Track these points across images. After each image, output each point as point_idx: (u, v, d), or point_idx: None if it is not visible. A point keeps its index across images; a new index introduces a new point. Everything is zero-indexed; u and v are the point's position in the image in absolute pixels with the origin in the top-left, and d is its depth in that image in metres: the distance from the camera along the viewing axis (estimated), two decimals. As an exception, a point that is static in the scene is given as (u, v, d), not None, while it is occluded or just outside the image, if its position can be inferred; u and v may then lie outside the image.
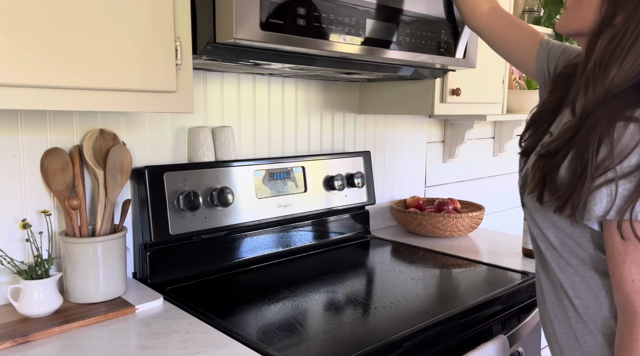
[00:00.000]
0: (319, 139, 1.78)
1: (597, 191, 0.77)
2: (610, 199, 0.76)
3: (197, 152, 1.43)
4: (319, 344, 1.05)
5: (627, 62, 0.77)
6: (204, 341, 1.01)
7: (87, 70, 0.91)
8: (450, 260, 1.61)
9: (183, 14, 1.02)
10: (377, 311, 1.21)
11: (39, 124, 1.19)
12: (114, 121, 1.30)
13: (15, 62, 0.84)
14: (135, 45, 0.96)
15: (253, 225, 1.50)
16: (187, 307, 1.18)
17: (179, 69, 1.03)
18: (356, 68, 1.33)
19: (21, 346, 0.99)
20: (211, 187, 1.39)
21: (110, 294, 1.19)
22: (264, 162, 1.53)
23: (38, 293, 1.08)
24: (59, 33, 0.87)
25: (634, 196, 0.75)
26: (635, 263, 0.77)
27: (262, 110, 1.61)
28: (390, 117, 2.00)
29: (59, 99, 0.89)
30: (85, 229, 1.19)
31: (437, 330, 1.11)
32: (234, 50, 1.07)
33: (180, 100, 1.04)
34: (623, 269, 0.78)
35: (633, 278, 0.78)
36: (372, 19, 1.18)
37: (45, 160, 1.18)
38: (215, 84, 1.48)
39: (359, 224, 1.82)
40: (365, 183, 1.78)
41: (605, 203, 0.77)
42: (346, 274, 1.46)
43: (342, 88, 1.82)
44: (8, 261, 1.11)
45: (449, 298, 1.34)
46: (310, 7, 1.06)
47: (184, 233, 1.35)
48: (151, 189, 1.29)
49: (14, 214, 1.18)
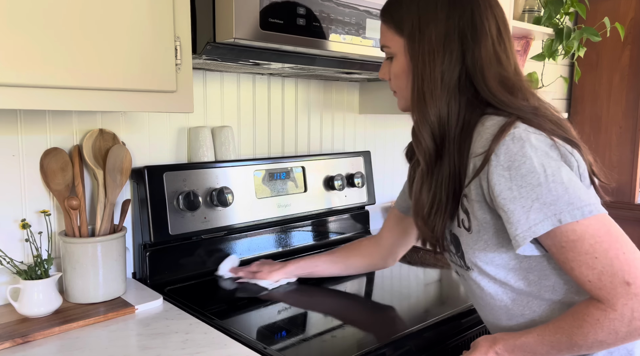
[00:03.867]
0: (319, 139, 1.78)
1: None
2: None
3: (196, 152, 1.43)
4: (319, 344, 1.05)
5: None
6: (203, 341, 1.01)
7: (86, 70, 0.91)
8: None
9: (183, 14, 1.02)
10: (377, 312, 1.20)
11: (38, 124, 1.19)
12: (113, 121, 1.30)
13: (15, 62, 0.84)
14: (135, 45, 0.96)
15: (253, 225, 1.50)
16: (187, 307, 1.17)
17: (179, 68, 1.03)
18: (356, 68, 1.33)
19: (21, 347, 0.99)
20: (211, 187, 1.39)
21: (109, 295, 1.19)
22: (264, 162, 1.53)
23: (38, 293, 1.08)
24: (58, 33, 0.87)
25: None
26: (584, 266, 0.78)
27: (262, 110, 1.60)
28: (390, 117, 2.00)
29: (58, 99, 0.89)
30: (85, 229, 1.19)
31: (438, 330, 1.11)
32: (234, 50, 1.07)
33: (180, 100, 1.04)
34: (575, 275, 0.80)
35: (589, 279, 0.78)
36: (372, 19, 1.18)
37: (44, 160, 1.18)
38: (215, 83, 1.48)
39: (359, 224, 1.82)
40: (365, 182, 1.78)
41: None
42: (346, 274, 1.46)
43: (342, 88, 1.82)
44: (8, 261, 1.10)
45: (449, 298, 1.34)
46: (310, 7, 1.06)
47: (184, 233, 1.34)
48: (151, 189, 1.29)
49: (13, 214, 1.17)
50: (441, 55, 0.88)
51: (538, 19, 2.07)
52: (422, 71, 0.89)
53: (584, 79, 2.66)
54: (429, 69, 0.88)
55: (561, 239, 0.78)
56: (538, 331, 0.85)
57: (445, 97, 0.88)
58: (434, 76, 0.88)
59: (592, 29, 2.06)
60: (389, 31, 0.95)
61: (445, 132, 0.89)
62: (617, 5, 2.54)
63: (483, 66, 0.87)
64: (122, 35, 0.94)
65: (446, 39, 0.87)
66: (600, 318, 0.77)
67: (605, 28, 2.05)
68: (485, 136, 0.84)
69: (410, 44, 0.90)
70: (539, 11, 2.12)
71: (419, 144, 0.92)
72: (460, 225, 0.91)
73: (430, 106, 0.89)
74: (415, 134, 0.94)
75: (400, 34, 0.92)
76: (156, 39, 0.98)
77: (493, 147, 0.81)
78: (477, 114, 0.88)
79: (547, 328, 0.84)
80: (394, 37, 0.94)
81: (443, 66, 0.87)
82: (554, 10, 1.98)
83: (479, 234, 0.88)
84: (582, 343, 0.80)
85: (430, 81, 0.88)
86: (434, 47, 0.88)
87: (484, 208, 0.86)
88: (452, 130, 0.89)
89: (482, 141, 0.84)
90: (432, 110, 0.89)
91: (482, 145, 0.83)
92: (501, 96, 0.87)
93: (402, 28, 0.91)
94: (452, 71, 0.88)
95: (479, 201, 0.86)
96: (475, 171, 0.83)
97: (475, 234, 0.89)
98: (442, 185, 0.90)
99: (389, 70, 0.98)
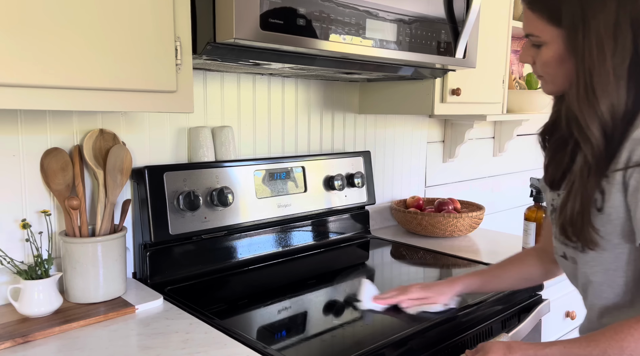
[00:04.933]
0: (319, 139, 1.78)
1: None
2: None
3: (197, 152, 1.43)
4: (319, 344, 1.05)
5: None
6: (204, 341, 1.01)
7: (87, 70, 0.91)
8: (450, 260, 1.61)
9: (183, 14, 1.02)
10: (377, 312, 1.20)
11: (38, 124, 1.19)
12: (113, 121, 1.30)
13: (15, 62, 0.84)
14: (135, 45, 0.96)
15: (253, 225, 1.50)
16: (187, 307, 1.17)
17: (179, 69, 1.03)
18: (356, 68, 1.33)
19: (21, 346, 0.99)
20: (211, 187, 1.39)
21: (110, 295, 1.19)
22: (264, 162, 1.53)
23: (38, 293, 1.08)
24: (58, 33, 0.87)
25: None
26: None
27: (262, 110, 1.60)
28: (390, 117, 2.00)
29: (58, 99, 0.89)
30: (85, 229, 1.19)
31: (437, 330, 1.11)
32: (234, 50, 1.07)
33: (180, 100, 1.04)
34: None
35: None
36: (372, 19, 1.18)
37: (45, 160, 1.18)
38: (215, 84, 1.48)
39: (359, 224, 1.82)
40: (365, 182, 1.78)
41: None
42: (346, 275, 1.46)
43: (342, 88, 1.82)
44: (8, 261, 1.11)
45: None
46: (310, 7, 1.06)
47: (184, 233, 1.34)
48: (151, 189, 1.29)
49: (13, 214, 1.18)
50: (611, 47, 0.82)
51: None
52: (589, 65, 0.83)
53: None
54: (598, 62, 0.82)
55: None
56: (565, 344, 0.85)
57: (617, 88, 0.83)
58: (604, 69, 0.82)
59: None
60: (539, 20, 0.88)
61: (615, 126, 0.84)
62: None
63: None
64: (122, 35, 0.94)
65: (616, 30, 0.81)
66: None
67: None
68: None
69: (571, 35, 0.84)
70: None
71: (587, 141, 0.86)
72: (592, 204, 0.88)
73: (602, 99, 0.83)
74: (581, 130, 0.86)
75: (556, 25, 0.86)
76: (156, 39, 0.99)
77: None
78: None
79: (576, 341, 0.84)
80: (546, 27, 0.87)
81: (614, 58, 0.82)
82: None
83: (609, 217, 0.86)
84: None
85: (601, 74, 0.82)
86: (603, 40, 0.82)
87: (622, 191, 0.84)
88: (619, 123, 0.84)
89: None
90: (605, 104, 0.83)
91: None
92: None
93: (560, 18, 0.85)
94: (622, 62, 0.83)
95: (620, 183, 0.84)
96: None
97: (605, 216, 0.86)
98: (601, 177, 0.86)
99: (533, 56, 0.92)
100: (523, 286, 1.25)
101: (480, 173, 2.50)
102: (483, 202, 2.43)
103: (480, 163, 2.49)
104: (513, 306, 1.32)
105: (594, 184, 0.86)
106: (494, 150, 2.55)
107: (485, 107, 1.85)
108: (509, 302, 1.31)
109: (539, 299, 1.39)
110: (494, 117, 1.92)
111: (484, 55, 1.56)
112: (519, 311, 1.33)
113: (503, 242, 1.84)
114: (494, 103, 1.87)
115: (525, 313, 1.34)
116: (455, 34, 1.38)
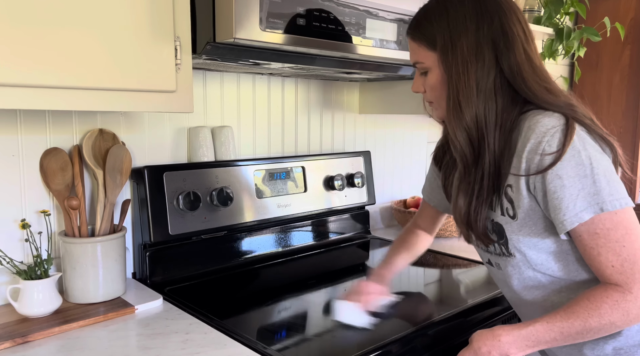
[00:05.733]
0: (319, 139, 1.78)
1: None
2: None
3: (196, 152, 1.43)
4: (319, 344, 1.05)
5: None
6: (203, 341, 1.01)
7: (86, 70, 0.91)
8: (450, 260, 1.61)
9: (182, 14, 1.02)
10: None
11: (38, 124, 1.19)
12: (113, 120, 1.30)
13: (14, 62, 0.84)
14: (135, 45, 0.96)
15: (253, 225, 1.50)
16: (187, 307, 1.17)
17: (179, 68, 1.02)
18: (356, 68, 1.33)
19: (21, 347, 0.99)
20: (211, 187, 1.39)
21: (109, 295, 1.19)
22: (264, 162, 1.53)
23: (37, 293, 1.08)
24: (58, 33, 0.87)
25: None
26: (612, 252, 0.85)
27: (262, 110, 1.60)
28: (390, 117, 2.00)
29: (58, 99, 0.89)
30: (85, 230, 1.19)
31: (437, 330, 1.11)
32: (234, 50, 1.07)
33: (179, 100, 1.04)
34: (600, 260, 0.87)
35: (612, 264, 0.86)
36: (372, 19, 1.18)
37: (44, 160, 1.18)
38: (214, 83, 1.48)
39: (359, 224, 1.82)
40: (365, 183, 1.78)
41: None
42: (346, 275, 1.46)
43: (342, 88, 1.82)
44: (7, 261, 1.10)
45: (449, 298, 1.35)
46: (310, 7, 1.06)
47: (184, 233, 1.34)
48: (151, 189, 1.29)
49: (13, 214, 1.17)
50: (474, 64, 0.92)
51: (538, 19, 2.07)
52: (456, 81, 0.93)
53: (584, 79, 2.66)
54: (463, 78, 0.92)
55: (597, 227, 0.85)
56: (547, 319, 0.89)
57: (482, 101, 0.92)
58: (469, 84, 0.92)
59: (592, 29, 2.06)
60: (420, 48, 0.98)
61: (483, 134, 0.93)
62: (617, 5, 2.53)
63: (521, 69, 0.92)
64: (122, 35, 0.94)
65: (478, 49, 0.92)
66: (618, 299, 0.85)
67: (605, 28, 2.05)
68: (542, 133, 0.87)
69: (443, 57, 0.94)
70: (539, 11, 2.12)
71: (456, 149, 0.96)
72: (505, 214, 0.96)
73: (466, 111, 0.92)
74: (451, 140, 0.97)
75: (433, 49, 0.96)
76: (156, 39, 0.98)
77: (565, 149, 0.85)
78: (516, 112, 0.93)
79: (557, 314, 0.89)
80: (426, 53, 0.97)
81: (477, 74, 0.92)
82: (554, 10, 1.98)
83: (525, 221, 0.93)
84: (596, 325, 0.86)
85: (466, 89, 0.92)
86: (467, 58, 0.92)
87: (530, 197, 0.91)
88: (492, 130, 0.93)
89: (540, 138, 0.87)
90: (469, 115, 0.92)
91: (546, 143, 0.87)
92: (543, 95, 0.92)
93: (435, 44, 0.95)
94: (487, 77, 0.92)
95: (525, 190, 0.91)
96: (543, 168, 0.87)
97: (521, 221, 0.94)
98: (482, 181, 0.95)
99: (423, 83, 1.02)
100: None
101: (480, 173, 2.49)
102: (483, 202, 2.43)
103: (480, 163, 2.48)
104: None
105: (466, 187, 0.97)
106: (494, 150, 2.54)
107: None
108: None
109: (539, 299, 1.39)
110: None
111: (484, 55, 1.56)
112: (519, 311, 1.33)
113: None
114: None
115: (525, 313, 1.34)
116: (456, 34, 1.38)
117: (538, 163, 0.88)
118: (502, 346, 0.90)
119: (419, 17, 0.99)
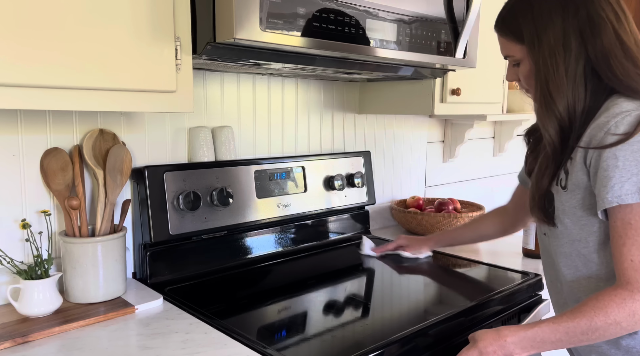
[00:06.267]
0: (319, 139, 1.78)
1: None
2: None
3: (197, 152, 1.43)
4: (319, 344, 1.05)
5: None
6: (204, 341, 1.01)
7: (86, 70, 0.91)
8: (451, 260, 1.61)
9: (183, 14, 1.02)
10: (377, 312, 1.21)
11: (38, 124, 1.19)
12: (113, 120, 1.30)
13: (15, 62, 0.84)
14: (135, 45, 0.96)
15: (253, 225, 1.50)
16: (187, 307, 1.17)
17: (179, 69, 1.03)
18: (356, 68, 1.33)
19: (21, 347, 0.99)
20: (211, 187, 1.39)
21: (110, 295, 1.19)
22: (264, 162, 1.53)
23: (38, 293, 1.08)
24: (58, 33, 0.87)
25: None
26: (636, 245, 0.86)
27: (262, 110, 1.60)
28: (390, 117, 2.00)
29: (58, 99, 0.89)
30: (85, 229, 1.19)
31: (437, 330, 1.11)
32: (234, 50, 1.07)
33: (180, 100, 1.04)
34: (622, 251, 0.88)
35: (632, 259, 0.87)
36: (372, 19, 1.18)
37: (45, 160, 1.18)
38: (215, 84, 1.48)
39: (359, 224, 1.82)
40: (365, 182, 1.78)
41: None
42: (346, 274, 1.46)
43: (342, 88, 1.82)
44: (8, 261, 1.11)
45: (449, 298, 1.35)
46: (310, 7, 1.06)
47: (184, 233, 1.34)
48: (151, 189, 1.29)
49: (13, 214, 1.17)
50: (562, 54, 0.94)
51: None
52: (545, 73, 0.95)
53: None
54: (552, 69, 0.94)
55: (633, 217, 0.87)
56: (552, 320, 0.91)
57: (572, 89, 0.94)
58: (558, 74, 0.94)
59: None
60: (509, 42, 1.02)
61: (572, 122, 0.95)
62: (617, 5, 2.53)
63: (607, 55, 0.92)
64: (122, 35, 0.94)
65: (564, 40, 0.93)
66: (626, 298, 0.86)
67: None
68: (615, 113, 0.89)
69: (531, 49, 0.97)
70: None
71: (545, 138, 0.99)
72: (558, 183, 0.99)
73: (558, 100, 0.95)
74: (542, 129, 1.00)
75: (521, 42, 0.99)
76: (156, 39, 0.98)
77: (634, 133, 0.86)
78: (601, 99, 0.94)
79: (563, 315, 0.91)
80: (515, 47, 1.01)
81: (565, 64, 0.94)
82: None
83: (573, 193, 0.96)
84: (601, 324, 0.87)
85: (555, 79, 0.94)
86: (554, 50, 0.94)
87: (584, 170, 0.93)
88: (579, 117, 0.95)
89: (611, 118, 0.89)
90: (560, 104, 0.95)
91: (614, 124, 0.88)
92: (630, 81, 0.91)
93: (522, 37, 0.98)
94: (576, 66, 0.94)
95: (582, 162, 0.93)
96: (604, 145, 0.89)
97: (569, 193, 0.96)
98: (561, 163, 0.98)
99: (516, 73, 1.05)
100: (481, 241, 1.55)
101: (481, 173, 2.50)
102: (483, 202, 2.43)
103: (480, 163, 2.48)
104: (513, 306, 1.32)
105: (552, 172, 0.99)
106: (494, 150, 2.55)
107: (485, 107, 1.85)
108: (509, 302, 1.31)
109: (539, 299, 1.39)
110: (494, 117, 1.92)
111: (484, 55, 1.56)
112: (519, 311, 1.33)
113: (503, 242, 1.83)
114: (494, 103, 1.87)
115: (525, 313, 1.34)
116: (455, 34, 1.38)
117: (600, 139, 0.89)
118: (507, 346, 0.91)
119: (504, 13, 1.02)
